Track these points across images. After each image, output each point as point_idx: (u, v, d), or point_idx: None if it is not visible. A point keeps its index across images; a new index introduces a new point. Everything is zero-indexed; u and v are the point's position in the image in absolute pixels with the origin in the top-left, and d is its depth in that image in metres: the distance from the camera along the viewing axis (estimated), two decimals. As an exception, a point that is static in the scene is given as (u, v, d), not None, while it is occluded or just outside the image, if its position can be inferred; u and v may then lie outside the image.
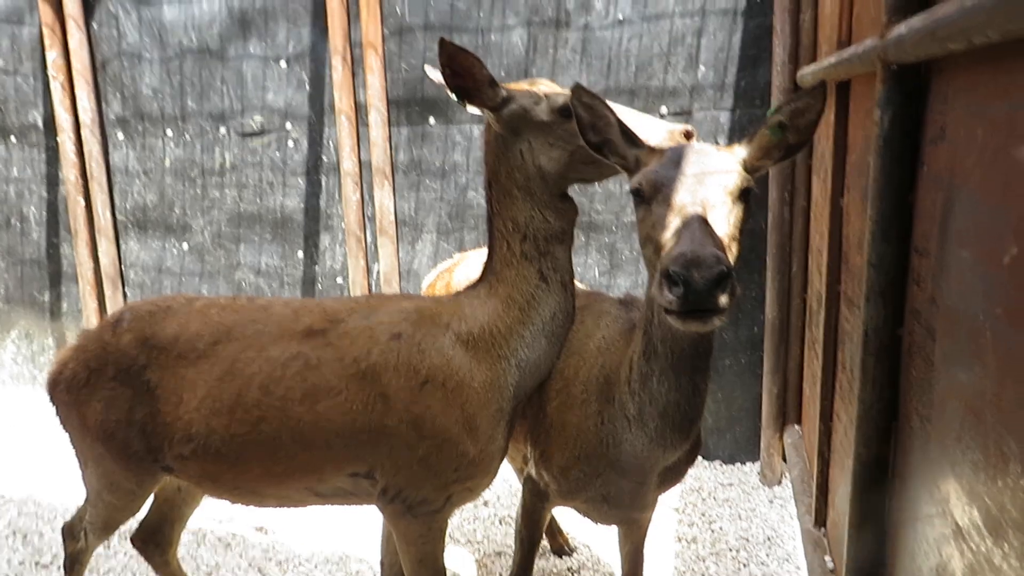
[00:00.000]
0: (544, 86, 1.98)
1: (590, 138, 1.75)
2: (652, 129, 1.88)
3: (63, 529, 2.54)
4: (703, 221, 1.48)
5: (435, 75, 2.08)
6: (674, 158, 1.61)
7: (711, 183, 1.55)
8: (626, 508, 2.15)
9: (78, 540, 2.49)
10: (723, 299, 1.39)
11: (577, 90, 1.69)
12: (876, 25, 1.94)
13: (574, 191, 2.04)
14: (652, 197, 1.59)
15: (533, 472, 2.18)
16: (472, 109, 1.96)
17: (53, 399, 2.24)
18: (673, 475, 2.15)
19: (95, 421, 2.11)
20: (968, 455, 1.17)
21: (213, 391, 1.98)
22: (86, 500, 2.41)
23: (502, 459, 2.11)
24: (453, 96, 1.90)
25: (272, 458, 1.99)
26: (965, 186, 1.23)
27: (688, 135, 1.88)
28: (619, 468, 1.98)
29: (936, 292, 1.39)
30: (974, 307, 1.17)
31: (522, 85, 2.00)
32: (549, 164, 1.92)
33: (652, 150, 1.71)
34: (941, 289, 1.36)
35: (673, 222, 1.51)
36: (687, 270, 1.35)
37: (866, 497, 1.73)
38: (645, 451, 1.91)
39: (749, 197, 1.61)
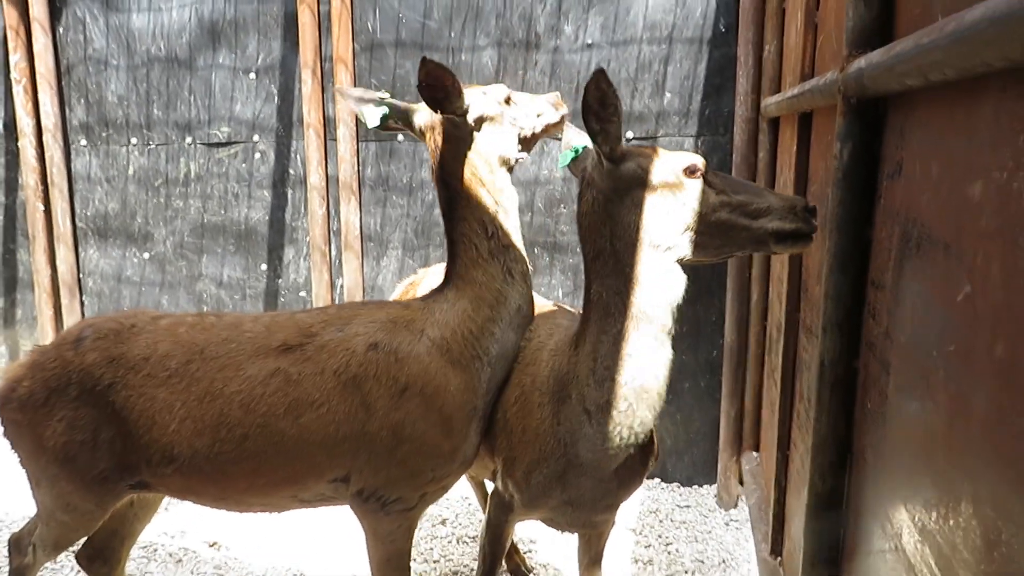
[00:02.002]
0: (481, 86, 2.20)
1: (592, 125, 1.84)
2: (543, 104, 2.26)
3: (9, 541, 2.44)
4: None
5: (349, 101, 2.29)
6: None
7: None
8: (588, 510, 2.20)
9: (25, 555, 2.38)
10: None
11: (599, 74, 1.76)
12: (838, 58, 1.97)
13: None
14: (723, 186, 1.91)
15: (499, 484, 2.23)
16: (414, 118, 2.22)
17: (2, 417, 2.14)
18: (631, 475, 2.18)
19: (54, 443, 2.03)
20: (920, 492, 1.17)
21: (193, 411, 1.98)
22: (36, 516, 2.32)
23: (475, 455, 2.19)
24: (368, 122, 2.14)
25: (256, 472, 2.02)
26: (920, 221, 1.24)
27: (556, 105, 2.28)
28: (579, 466, 2.05)
29: (891, 326, 1.40)
30: (928, 343, 1.18)
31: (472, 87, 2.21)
32: (505, 148, 2.16)
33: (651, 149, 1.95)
34: (896, 323, 1.37)
35: (764, 193, 1.91)
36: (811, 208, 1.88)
37: (820, 528, 1.73)
38: (601, 444, 2.00)
39: None
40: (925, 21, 1.22)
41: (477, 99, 2.13)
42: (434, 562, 3.42)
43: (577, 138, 2.24)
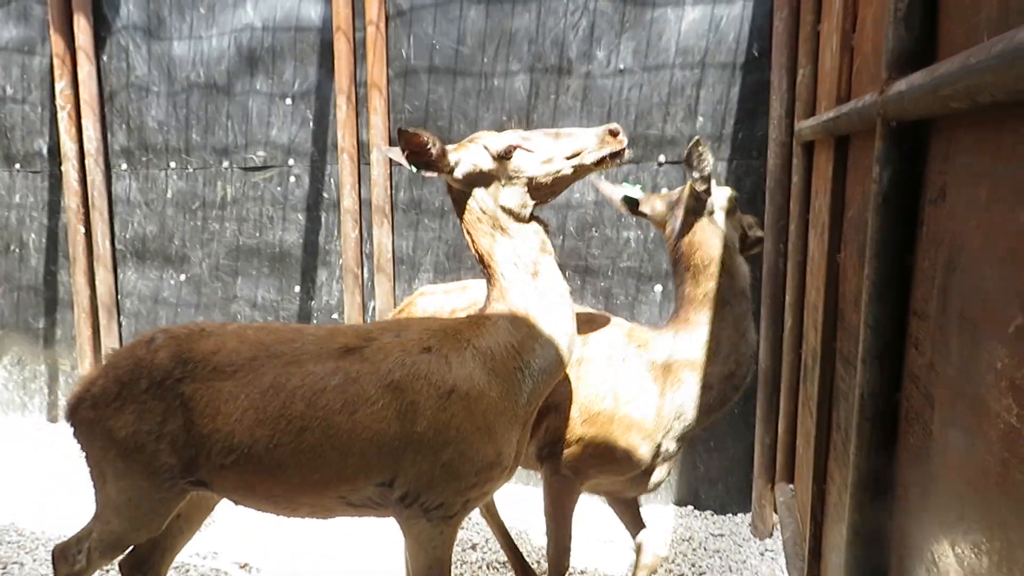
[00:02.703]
0: (483, 139, 2.21)
1: (696, 176, 2.44)
2: (587, 135, 2.24)
3: (54, 552, 2.44)
4: None
5: (395, 154, 2.32)
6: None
7: None
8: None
9: (74, 563, 2.39)
10: None
11: (698, 141, 2.36)
12: (875, 81, 1.93)
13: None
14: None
15: (576, 469, 2.54)
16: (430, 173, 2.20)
17: (75, 418, 2.25)
18: None
19: (124, 434, 2.15)
20: (970, 536, 1.11)
21: (256, 403, 2.09)
22: (95, 519, 2.36)
23: (517, 463, 2.31)
24: (413, 169, 2.16)
25: (311, 466, 2.10)
26: (967, 249, 1.19)
27: (614, 132, 2.21)
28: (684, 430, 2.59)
29: (935, 358, 1.35)
30: (976, 376, 1.12)
31: (463, 144, 2.23)
32: (510, 200, 2.18)
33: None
34: (940, 355, 1.31)
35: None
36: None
37: (860, 566, 1.66)
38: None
39: None
40: (969, 43, 1.19)
41: (466, 156, 2.17)
42: (463, 589, 3.38)
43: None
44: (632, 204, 2.72)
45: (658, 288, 3.92)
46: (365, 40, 4.07)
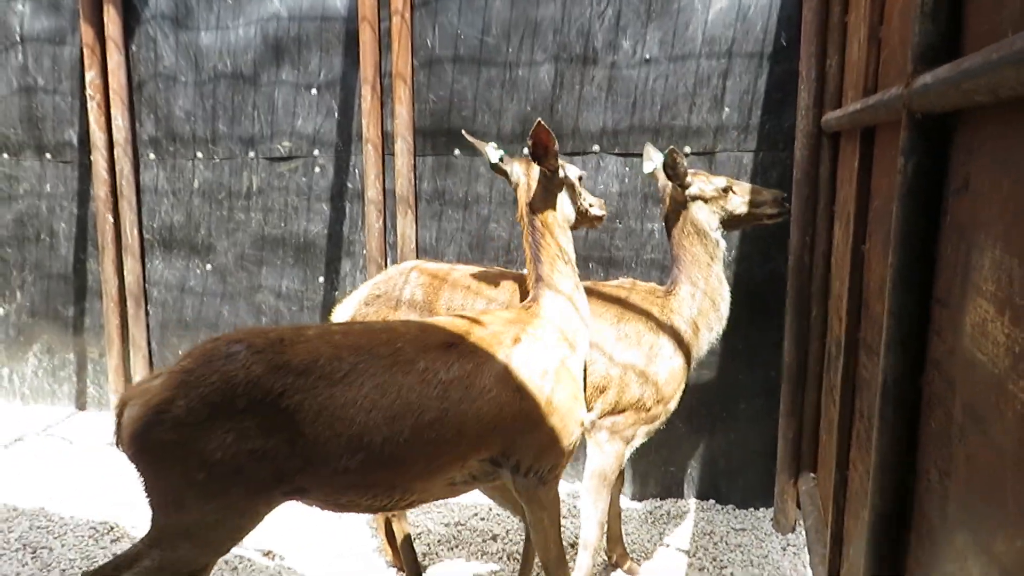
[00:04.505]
0: (573, 167, 2.89)
1: (668, 172, 2.99)
2: (595, 201, 2.99)
3: None
4: None
5: (476, 141, 3.02)
6: (712, 174, 3.14)
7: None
8: None
9: None
10: None
11: (671, 152, 2.91)
12: (902, 73, 1.94)
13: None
14: (732, 186, 3.05)
15: (618, 431, 2.98)
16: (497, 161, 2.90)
17: (146, 442, 2.08)
18: None
19: (221, 455, 2.05)
20: (990, 516, 1.14)
21: (377, 403, 2.19)
22: (150, 546, 2.17)
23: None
24: (495, 160, 2.89)
25: (434, 454, 2.28)
26: (989, 238, 1.22)
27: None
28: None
29: (956, 344, 1.37)
30: (997, 362, 1.15)
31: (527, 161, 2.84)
32: (571, 211, 2.86)
33: (695, 173, 3.07)
34: (962, 341, 1.34)
35: (751, 188, 3.06)
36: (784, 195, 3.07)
37: (882, 551, 1.69)
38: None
39: None
40: (993, 37, 1.21)
41: (566, 167, 2.80)
42: (485, 576, 3.43)
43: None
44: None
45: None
46: (390, 30, 4.10)
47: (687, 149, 3.81)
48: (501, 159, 2.91)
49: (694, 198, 3.04)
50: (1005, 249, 1.15)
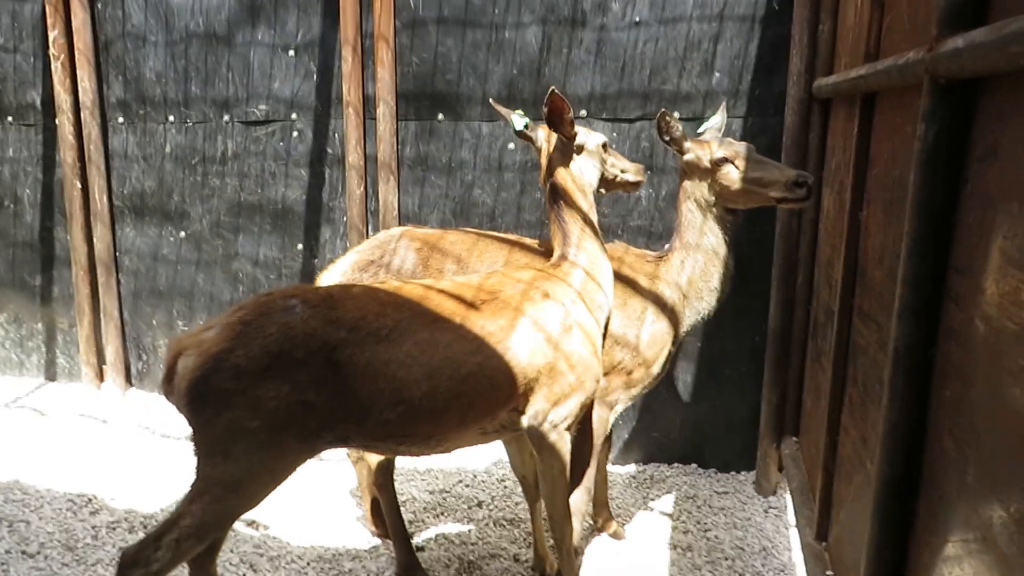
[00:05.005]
0: (582, 128, 2.90)
1: (665, 140, 3.00)
2: (629, 166, 3.02)
3: (123, 560, 2.19)
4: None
5: (501, 109, 3.10)
6: (726, 141, 2.98)
7: (754, 148, 2.98)
8: None
9: (150, 562, 2.18)
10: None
11: (662, 115, 2.93)
12: (913, 38, 1.92)
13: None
14: (734, 158, 2.90)
15: (609, 392, 3.02)
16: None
17: (204, 390, 2.13)
18: None
19: (276, 404, 2.14)
20: (1020, 484, 1.14)
21: (418, 359, 2.29)
22: (192, 502, 2.19)
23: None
24: (519, 127, 2.92)
25: (470, 405, 2.40)
26: (1021, 206, 1.20)
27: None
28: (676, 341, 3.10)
29: (977, 312, 1.37)
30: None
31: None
32: (590, 175, 2.89)
33: (701, 142, 3.00)
34: (983, 310, 1.33)
35: (765, 165, 2.91)
36: (809, 178, 2.86)
37: (889, 518, 1.71)
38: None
39: None
40: (1021, 8, 1.19)
41: (583, 134, 2.85)
42: (472, 544, 3.43)
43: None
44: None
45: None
46: (371, -11, 3.98)
47: (676, 114, 3.77)
48: (526, 126, 2.95)
49: (689, 167, 3.01)
50: (1042, 217, 1.14)
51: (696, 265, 3.02)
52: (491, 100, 3.20)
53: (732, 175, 2.91)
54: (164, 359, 2.23)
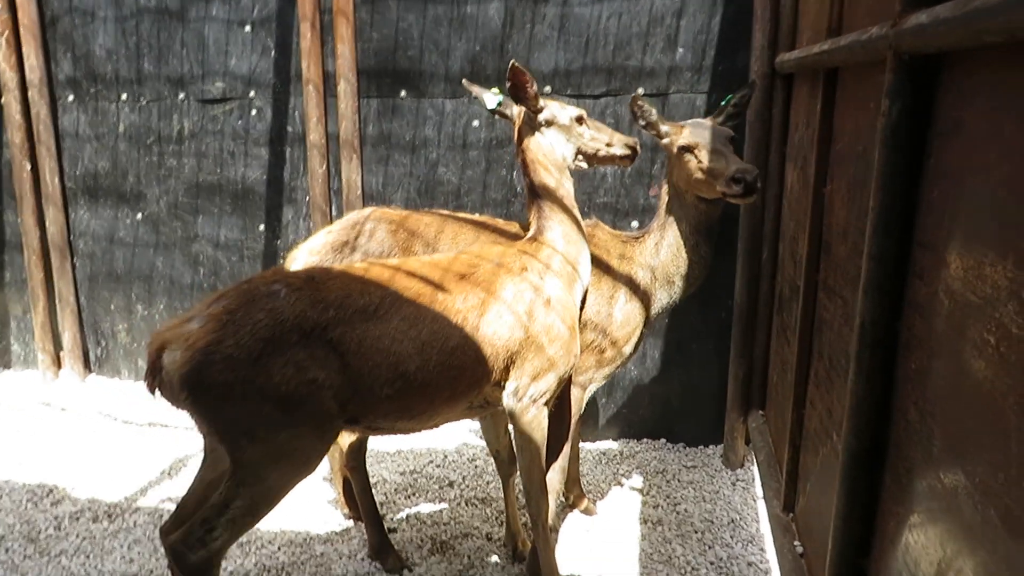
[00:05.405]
0: (554, 102, 2.85)
1: (641, 124, 2.97)
2: (617, 139, 2.90)
3: (174, 548, 2.20)
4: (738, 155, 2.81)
5: (475, 88, 3.07)
6: (696, 129, 2.89)
7: (724, 137, 2.85)
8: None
9: (205, 543, 2.20)
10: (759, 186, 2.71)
11: (634, 100, 2.93)
12: (876, 13, 1.92)
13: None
14: (695, 147, 2.82)
15: (584, 370, 3.03)
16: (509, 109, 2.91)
17: (202, 383, 2.10)
18: None
19: (284, 389, 2.16)
20: (984, 454, 1.16)
21: (407, 334, 2.34)
22: (236, 485, 2.20)
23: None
24: (492, 105, 2.96)
25: (459, 377, 2.45)
26: (986, 181, 1.22)
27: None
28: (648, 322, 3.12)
29: (941, 286, 1.38)
30: (993, 303, 1.16)
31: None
32: (562, 150, 2.82)
33: (677, 126, 2.95)
34: (947, 283, 1.35)
35: (720, 157, 2.76)
36: (749, 174, 2.67)
37: (855, 488, 1.74)
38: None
39: None
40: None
41: (552, 108, 2.78)
42: (444, 524, 3.43)
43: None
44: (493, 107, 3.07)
45: (635, 224, 3.93)
46: (329, -36, 3.89)
47: (640, 90, 3.76)
48: (499, 104, 2.93)
49: (666, 152, 3.00)
50: (1006, 194, 1.15)
51: (670, 250, 3.01)
52: (464, 80, 3.16)
53: (691, 164, 2.83)
54: (147, 353, 2.20)
